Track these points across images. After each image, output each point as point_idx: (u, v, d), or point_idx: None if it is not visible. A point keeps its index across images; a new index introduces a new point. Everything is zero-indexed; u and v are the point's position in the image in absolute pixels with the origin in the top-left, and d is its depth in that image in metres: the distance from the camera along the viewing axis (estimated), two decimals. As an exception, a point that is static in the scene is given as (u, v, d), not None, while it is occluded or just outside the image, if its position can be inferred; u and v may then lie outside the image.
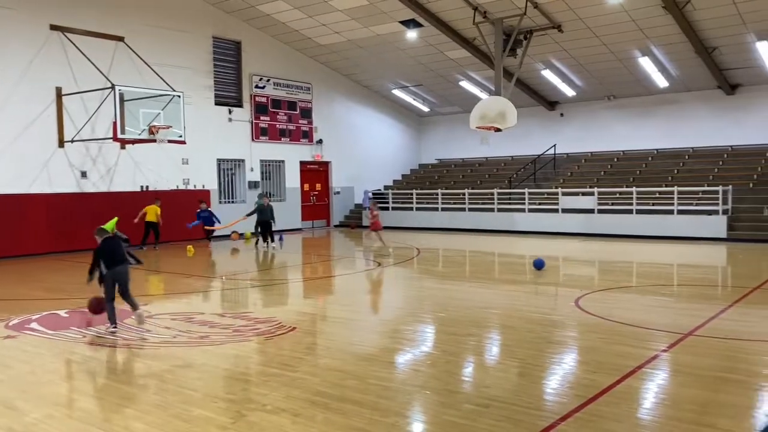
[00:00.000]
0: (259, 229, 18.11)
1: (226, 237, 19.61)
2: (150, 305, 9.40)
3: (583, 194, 21.03)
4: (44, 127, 16.82)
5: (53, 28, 16.90)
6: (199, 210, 18.74)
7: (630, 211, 19.79)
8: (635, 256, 15.49)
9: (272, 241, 17.81)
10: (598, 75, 22.32)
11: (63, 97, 17.05)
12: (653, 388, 5.59)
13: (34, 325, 8.36)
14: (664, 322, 8.02)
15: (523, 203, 22.02)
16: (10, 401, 5.36)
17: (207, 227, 18.70)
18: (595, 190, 20.73)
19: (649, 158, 23.28)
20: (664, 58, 20.27)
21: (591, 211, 20.42)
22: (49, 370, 6.41)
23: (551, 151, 24.96)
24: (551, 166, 24.91)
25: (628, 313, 8.67)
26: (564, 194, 21.22)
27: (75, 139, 17.08)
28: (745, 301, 9.31)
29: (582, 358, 6.62)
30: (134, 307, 8.05)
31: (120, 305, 8.00)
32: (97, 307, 8.15)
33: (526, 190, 22.20)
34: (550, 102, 25.47)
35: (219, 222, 18.78)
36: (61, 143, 17.14)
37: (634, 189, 20.02)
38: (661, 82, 22.00)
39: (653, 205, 19.65)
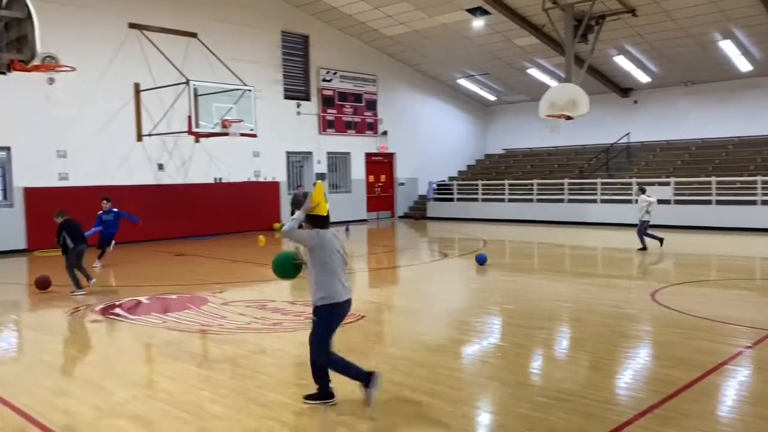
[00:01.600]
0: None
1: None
2: (225, 293, 9.70)
3: (659, 184, 20.26)
4: (124, 122, 17.57)
5: (131, 26, 17.61)
6: (101, 211, 13.39)
7: (709, 202, 18.94)
8: (714, 249, 14.83)
9: None
10: (674, 60, 21.40)
11: (141, 93, 17.76)
12: (736, 385, 5.36)
13: (118, 310, 8.78)
14: (746, 317, 7.65)
15: (595, 194, 21.42)
16: (98, 381, 5.65)
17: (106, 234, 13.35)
18: (672, 180, 19.94)
19: (730, 146, 22.18)
20: (747, 40, 19.23)
21: (667, 201, 19.64)
22: (132, 353, 6.73)
23: (624, 140, 24.15)
24: (625, 155, 24.11)
25: (707, 307, 8.33)
26: (638, 184, 20.50)
27: (152, 133, 17.78)
28: (837, 296, 8.77)
29: (658, 353, 6.41)
30: (89, 278, 10.15)
31: (204, 294, 8.27)
32: (43, 284, 10.07)
33: (598, 181, 21.58)
34: (623, 89, 24.62)
35: (137, 221, 13.68)
36: (140, 137, 17.86)
37: (713, 179, 19.15)
38: (744, 65, 20.89)
39: (734, 195, 18.74)
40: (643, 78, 23.23)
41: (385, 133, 24.81)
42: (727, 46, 19.70)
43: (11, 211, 15.95)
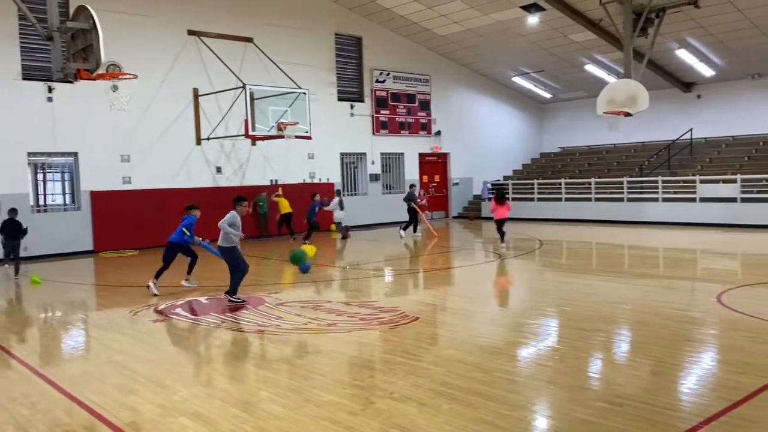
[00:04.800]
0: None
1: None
2: (281, 293, 9.86)
3: (724, 182, 19.47)
4: (183, 126, 18.11)
5: (190, 33, 18.12)
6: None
7: (777, 200, 18.10)
8: (785, 249, 14.16)
9: (414, 230, 18.70)
10: (740, 52, 20.53)
11: (199, 98, 18.25)
12: (810, 393, 5.09)
13: (178, 310, 9.04)
14: (822, 321, 7.27)
15: (656, 192, 20.77)
16: (160, 380, 5.83)
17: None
18: (738, 177, 19.13)
19: (801, 141, 21.13)
20: (819, 29, 18.29)
21: (733, 200, 18.88)
22: (192, 352, 6.92)
23: (687, 136, 23.33)
24: (687, 152, 23.28)
25: (778, 310, 7.95)
26: (702, 182, 19.78)
27: (210, 136, 18.25)
28: None
29: (725, 358, 6.15)
30: (17, 271, 12.43)
31: (261, 294, 8.41)
32: None
33: (659, 178, 20.91)
34: (685, 83, 23.79)
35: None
36: (198, 141, 18.37)
37: (783, 175, 18.29)
38: (816, 56, 19.87)
39: (806, 192, 17.85)
40: (707, 72, 22.38)
41: (438, 132, 24.73)
42: (798, 36, 18.78)
43: (79, 213, 16.66)
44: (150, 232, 17.29)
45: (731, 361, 5.97)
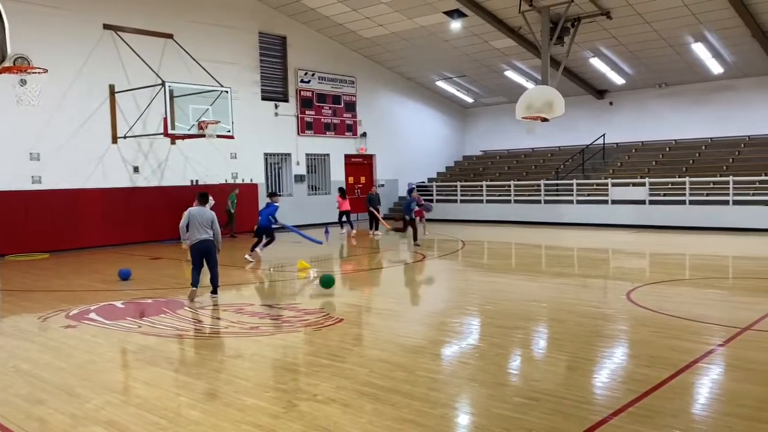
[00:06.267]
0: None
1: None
2: (202, 297, 9.62)
3: (634, 185, 20.54)
4: (98, 124, 17.36)
5: (106, 27, 17.40)
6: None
7: (683, 202, 19.25)
8: (688, 249, 15.07)
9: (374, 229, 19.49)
10: (648, 62, 21.71)
11: (116, 95, 17.55)
12: (709, 383, 5.44)
13: (92, 315, 8.66)
14: (719, 315, 7.79)
15: (571, 194, 21.65)
16: (72, 388, 5.57)
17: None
18: (647, 180, 20.22)
19: (703, 147, 22.56)
20: (718, 43, 19.58)
21: (642, 202, 19.93)
22: (107, 359, 6.64)
23: (600, 141, 24.45)
24: (600, 156, 24.40)
25: (681, 306, 8.46)
26: (614, 185, 20.77)
27: (127, 135, 17.58)
28: (806, 294, 8.96)
29: (634, 352, 6.49)
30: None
31: (181, 298, 8.17)
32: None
33: (574, 181, 21.81)
34: (598, 90, 24.92)
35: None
36: (115, 139, 17.66)
37: (687, 179, 19.47)
38: (716, 68, 21.27)
39: (707, 195, 19.06)
40: (618, 80, 23.54)
41: (364, 134, 24.82)
42: (699, 49, 20.04)
43: (-17, 214, 15.65)
44: (62, 233, 16.50)
45: (639, 355, 6.29)
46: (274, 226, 13.65)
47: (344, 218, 20.11)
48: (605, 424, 4.46)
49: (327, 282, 10.03)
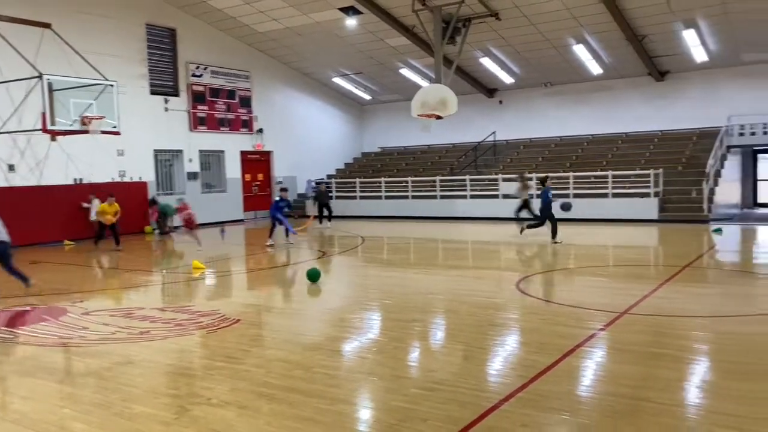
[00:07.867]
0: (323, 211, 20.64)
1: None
2: (87, 302, 9.09)
3: (523, 180, 21.42)
4: (-34, 119, 15.95)
5: (-27, 13, 15.99)
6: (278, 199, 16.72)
7: (567, 195, 20.31)
8: (573, 239, 15.92)
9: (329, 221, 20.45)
10: (534, 62, 22.76)
11: (-14, 87, 16.20)
12: (592, 365, 5.79)
13: (-39, 326, 7.95)
14: (600, 301, 8.30)
15: (465, 190, 22.32)
16: (-63, 407, 5.10)
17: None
18: (534, 176, 21.17)
19: (585, 143, 23.96)
20: (597, 45, 20.84)
21: (530, 196, 20.81)
22: (-21, 373, 6.13)
23: (491, 138, 25.36)
24: (491, 152, 25.32)
25: (566, 294, 8.94)
26: (504, 180, 21.62)
27: (1, 131, 16.25)
28: (675, 279, 9.73)
29: (524, 340, 6.79)
30: None
31: (63, 304, 7.67)
32: None
33: (467, 177, 22.50)
34: (489, 89, 25.84)
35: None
36: (-14, 135, 16.30)
37: (570, 174, 20.58)
38: (595, 69, 22.63)
39: (589, 188, 20.25)
40: (507, 79, 24.50)
41: (260, 130, 24.38)
42: (581, 50, 21.25)
43: None
44: None
45: (529, 342, 6.59)
46: (278, 216, 15.75)
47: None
48: (497, 410, 4.63)
49: (313, 276, 10.23)
